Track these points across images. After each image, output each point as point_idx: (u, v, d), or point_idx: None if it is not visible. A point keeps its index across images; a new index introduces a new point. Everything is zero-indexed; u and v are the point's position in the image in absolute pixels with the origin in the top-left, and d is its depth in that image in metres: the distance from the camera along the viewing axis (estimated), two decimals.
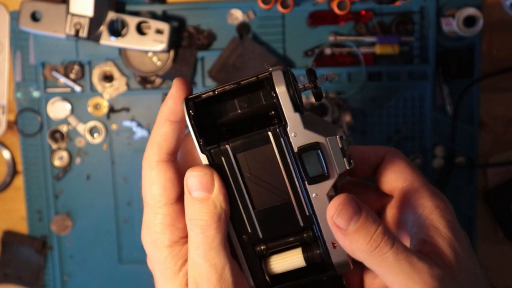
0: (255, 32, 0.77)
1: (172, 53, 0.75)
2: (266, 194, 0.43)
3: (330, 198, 0.41)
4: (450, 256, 0.39)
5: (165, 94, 0.78)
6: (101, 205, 0.80)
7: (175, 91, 0.41)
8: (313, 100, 0.76)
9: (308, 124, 0.41)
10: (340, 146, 0.41)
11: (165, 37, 0.72)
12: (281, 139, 0.41)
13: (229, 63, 0.75)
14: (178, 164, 0.43)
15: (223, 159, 0.42)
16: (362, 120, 0.79)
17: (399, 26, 0.77)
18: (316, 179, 0.41)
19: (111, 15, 0.72)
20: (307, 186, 0.42)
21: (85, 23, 0.71)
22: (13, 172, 0.80)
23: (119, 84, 0.78)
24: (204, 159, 0.42)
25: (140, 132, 0.79)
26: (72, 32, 0.71)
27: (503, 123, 0.80)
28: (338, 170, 0.41)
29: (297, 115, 0.40)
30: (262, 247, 0.44)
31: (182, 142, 0.43)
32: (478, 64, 0.77)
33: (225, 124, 0.43)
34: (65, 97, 0.78)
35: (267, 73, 0.41)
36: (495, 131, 0.80)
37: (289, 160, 0.41)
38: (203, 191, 0.40)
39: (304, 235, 0.43)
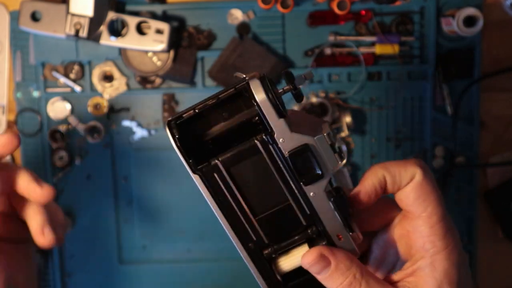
0: (255, 32, 0.77)
1: (172, 53, 0.75)
2: (264, 201, 0.43)
3: (328, 193, 0.43)
4: None
5: (165, 94, 0.78)
6: (101, 205, 0.80)
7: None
8: (313, 100, 0.76)
9: (294, 126, 0.42)
10: (329, 143, 0.42)
11: (165, 37, 0.72)
12: (270, 146, 0.41)
13: (229, 63, 0.75)
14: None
15: (215, 175, 0.42)
16: (362, 120, 0.79)
17: (399, 26, 0.77)
18: (312, 180, 0.42)
19: (111, 15, 0.72)
20: (304, 187, 0.42)
21: (85, 23, 0.71)
22: None
23: (119, 84, 0.78)
24: (197, 179, 0.42)
25: (140, 132, 0.79)
26: (72, 32, 0.71)
27: (503, 123, 0.80)
28: (331, 166, 0.42)
29: (281, 121, 0.40)
30: (269, 250, 0.45)
31: None
32: (478, 64, 0.77)
33: (210, 138, 0.42)
34: (65, 97, 0.78)
35: (244, 83, 0.40)
36: (495, 131, 0.80)
37: (281, 165, 0.42)
38: None
39: (309, 231, 0.44)
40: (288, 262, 0.46)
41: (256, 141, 0.41)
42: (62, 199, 0.80)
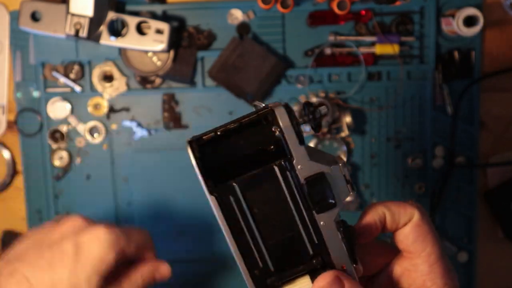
0: (255, 32, 0.77)
1: (172, 53, 0.75)
2: (275, 228, 0.44)
3: (337, 224, 0.44)
4: None
5: (165, 94, 0.78)
6: (101, 205, 0.80)
7: None
8: (313, 100, 0.76)
9: (311, 156, 0.43)
10: (344, 174, 0.43)
11: (165, 37, 0.72)
12: (287, 173, 0.42)
13: (229, 63, 0.75)
14: None
15: (231, 198, 0.43)
16: (362, 120, 0.79)
17: (399, 26, 0.77)
18: (325, 208, 0.43)
19: (111, 15, 0.72)
20: (316, 215, 0.43)
21: (85, 23, 0.71)
22: (13, 172, 0.80)
23: (119, 84, 0.78)
24: (213, 200, 0.43)
25: (140, 132, 0.79)
26: (72, 32, 0.71)
27: (503, 123, 0.80)
28: (343, 197, 0.43)
29: (302, 147, 0.42)
30: (273, 279, 0.45)
31: None
32: (478, 64, 0.77)
33: (227, 161, 0.43)
34: (65, 97, 0.78)
35: (268, 110, 0.42)
36: (495, 131, 0.80)
37: (295, 192, 0.43)
38: None
39: (314, 261, 0.44)
40: None
41: (274, 166, 0.42)
42: (62, 199, 0.80)
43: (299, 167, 0.42)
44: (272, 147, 0.43)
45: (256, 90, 0.75)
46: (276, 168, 0.42)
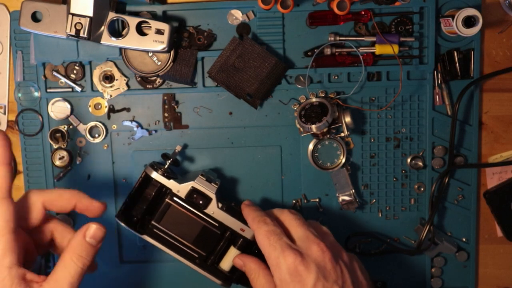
0: (255, 32, 0.77)
1: (172, 53, 0.75)
2: (189, 230, 0.71)
3: (221, 208, 0.70)
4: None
5: (165, 94, 0.78)
6: None
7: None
8: (313, 100, 0.76)
9: (182, 180, 0.71)
10: (205, 179, 0.70)
11: (165, 38, 0.72)
12: (175, 198, 0.71)
13: (229, 63, 0.75)
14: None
15: (156, 230, 0.71)
16: (362, 120, 0.79)
17: (398, 27, 0.77)
18: (205, 206, 0.70)
19: (112, 16, 0.72)
20: (204, 211, 0.70)
21: (86, 23, 0.71)
22: (14, 172, 0.81)
23: (120, 84, 0.78)
24: (146, 238, 0.72)
25: (140, 132, 0.79)
26: (73, 33, 0.71)
27: (503, 123, 0.80)
28: (213, 192, 0.70)
29: (171, 181, 0.70)
30: (211, 260, 0.72)
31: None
32: (478, 64, 0.78)
33: (142, 212, 0.72)
34: (66, 97, 0.78)
35: (143, 173, 0.72)
36: (495, 131, 0.81)
37: (186, 206, 0.71)
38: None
39: (226, 235, 0.71)
40: (226, 264, 0.72)
41: (166, 199, 0.71)
42: None
43: (177, 191, 0.70)
44: (160, 189, 0.70)
45: (256, 90, 0.75)
46: (168, 200, 0.70)
